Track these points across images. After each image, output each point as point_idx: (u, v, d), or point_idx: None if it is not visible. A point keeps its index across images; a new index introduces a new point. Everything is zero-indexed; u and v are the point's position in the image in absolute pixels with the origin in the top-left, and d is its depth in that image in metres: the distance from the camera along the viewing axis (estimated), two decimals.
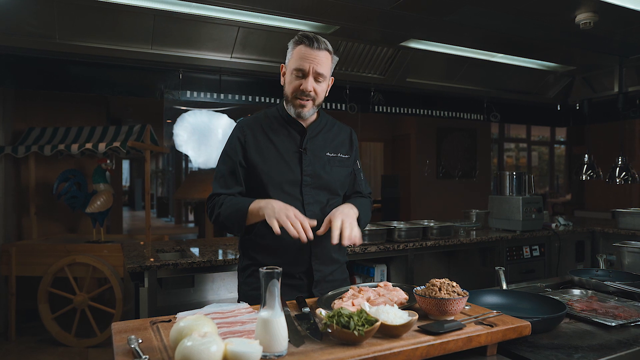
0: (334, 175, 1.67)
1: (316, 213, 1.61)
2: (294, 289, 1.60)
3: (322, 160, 1.66)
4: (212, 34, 3.30)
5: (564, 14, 3.03)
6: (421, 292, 1.30)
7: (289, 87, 1.60)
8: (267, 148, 1.62)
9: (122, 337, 1.13)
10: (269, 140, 1.63)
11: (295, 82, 1.58)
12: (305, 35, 1.57)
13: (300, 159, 1.62)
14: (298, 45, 1.57)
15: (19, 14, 2.87)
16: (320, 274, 1.64)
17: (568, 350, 1.23)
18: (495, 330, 1.18)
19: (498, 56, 4.06)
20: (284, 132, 1.64)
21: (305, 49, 1.56)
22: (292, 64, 1.58)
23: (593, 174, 4.23)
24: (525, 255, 3.58)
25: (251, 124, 1.66)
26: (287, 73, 1.62)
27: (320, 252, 1.63)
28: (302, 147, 1.63)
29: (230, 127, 4.26)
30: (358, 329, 1.04)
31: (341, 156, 1.70)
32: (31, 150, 4.07)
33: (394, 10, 2.93)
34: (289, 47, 1.61)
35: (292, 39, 1.61)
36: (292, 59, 1.58)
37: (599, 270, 2.05)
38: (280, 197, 1.57)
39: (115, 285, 3.67)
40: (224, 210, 1.57)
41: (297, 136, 1.65)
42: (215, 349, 0.92)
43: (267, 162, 1.60)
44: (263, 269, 1.04)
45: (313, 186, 1.63)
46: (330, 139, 1.70)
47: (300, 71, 1.56)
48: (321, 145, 1.67)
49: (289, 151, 1.62)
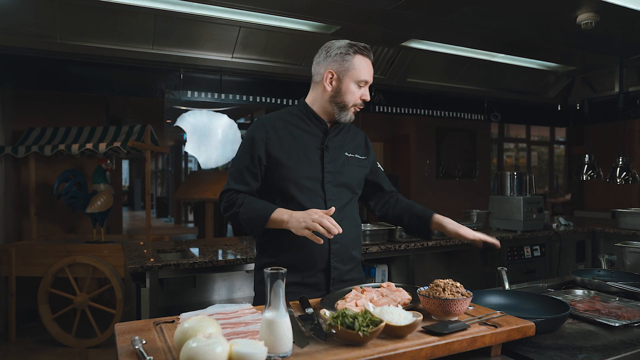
0: (352, 174, 1.71)
1: (336, 211, 1.61)
2: (313, 288, 1.63)
3: (341, 159, 1.69)
4: (213, 34, 3.30)
5: (565, 14, 3.03)
6: (425, 292, 1.30)
7: (351, 96, 1.63)
8: (290, 144, 1.64)
9: (125, 338, 1.12)
10: (292, 136, 1.65)
11: (358, 92, 1.64)
12: (363, 45, 1.63)
13: (322, 157, 1.65)
14: (358, 55, 1.62)
15: (19, 13, 2.86)
16: (337, 272, 1.66)
17: (572, 351, 1.22)
18: (500, 331, 1.17)
19: (499, 56, 4.06)
20: (307, 130, 1.67)
21: (365, 60, 1.63)
22: (355, 75, 1.61)
23: (594, 174, 4.23)
24: (526, 256, 3.57)
25: (273, 121, 1.67)
26: (345, 81, 1.62)
27: (339, 249, 1.65)
28: (324, 145, 1.66)
29: (231, 127, 4.25)
30: (363, 329, 1.04)
31: (358, 157, 1.75)
32: (31, 150, 4.07)
33: (395, 10, 2.93)
34: (340, 53, 1.61)
35: (342, 46, 1.62)
36: (355, 70, 1.61)
37: (600, 271, 2.05)
38: (301, 192, 1.61)
39: (116, 286, 3.66)
40: (243, 213, 1.58)
41: (319, 134, 1.68)
42: (221, 350, 0.92)
43: (291, 158, 1.62)
44: (268, 270, 1.04)
45: (334, 184, 1.66)
46: (348, 139, 1.75)
47: (365, 82, 1.64)
48: (341, 145, 1.71)
49: (311, 148, 1.65)
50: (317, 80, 1.68)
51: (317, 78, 1.67)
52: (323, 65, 1.64)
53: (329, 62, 1.63)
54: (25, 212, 4.47)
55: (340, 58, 1.61)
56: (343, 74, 1.62)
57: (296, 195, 1.61)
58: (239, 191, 1.63)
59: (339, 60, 1.61)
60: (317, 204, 1.61)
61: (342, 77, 1.62)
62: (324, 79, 1.64)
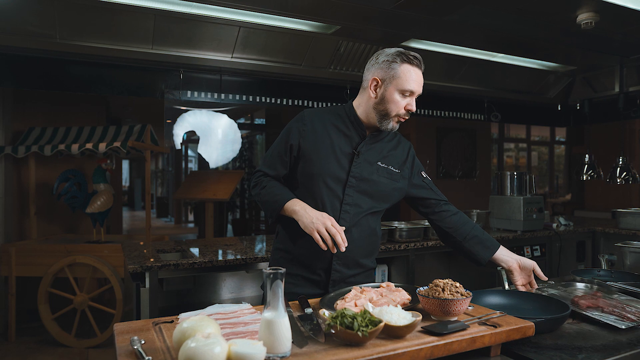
0: (379, 185, 1.68)
1: (351, 216, 1.64)
2: (313, 284, 1.67)
3: (372, 167, 1.67)
4: (212, 34, 3.30)
5: (565, 13, 3.03)
6: (424, 292, 1.30)
7: (394, 105, 1.60)
8: (324, 142, 1.65)
9: (124, 338, 1.12)
10: (327, 135, 1.65)
11: (402, 101, 1.60)
12: (412, 55, 1.60)
13: (352, 160, 1.65)
14: (405, 64, 1.58)
15: (20, 13, 2.86)
16: (339, 275, 1.67)
17: (572, 351, 1.22)
18: (499, 331, 1.17)
19: (499, 56, 4.06)
20: (345, 132, 1.67)
21: (413, 69, 1.59)
22: (401, 84, 1.58)
23: (594, 174, 4.23)
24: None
25: (316, 116, 1.69)
26: (389, 90, 1.59)
27: (343, 255, 1.65)
28: (356, 149, 1.66)
29: (231, 127, 4.26)
30: (362, 329, 1.04)
31: (391, 169, 1.71)
32: (31, 150, 4.06)
33: (395, 9, 2.93)
34: (387, 60, 1.59)
35: (391, 53, 1.59)
36: (401, 79, 1.58)
37: (600, 271, 2.05)
38: (323, 190, 1.63)
39: (116, 286, 3.66)
40: (263, 195, 1.68)
41: (356, 138, 1.67)
42: (219, 350, 0.91)
43: (320, 154, 1.63)
44: (266, 270, 1.04)
45: (357, 189, 1.65)
46: (386, 149, 1.73)
47: (410, 92, 1.60)
48: (376, 154, 1.69)
49: (343, 150, 1.65)
50: (364, 86, 1.66)
51: (364, 84, 1.66)
52: (371, 71, 1.63)
53: (375, 68, 1.61)
54: (25, 212, 4.47)
55: (387, 65, 1.59)
56: (388, 82, 1.59)
57: (315, 191, 1.63)
58: (267, 174, 1.70)
59: (385, 68, 1.59)
60: (333, 205, 1.62)
61: (387, 85, 1.60)
62: (369, 85, 1.63)
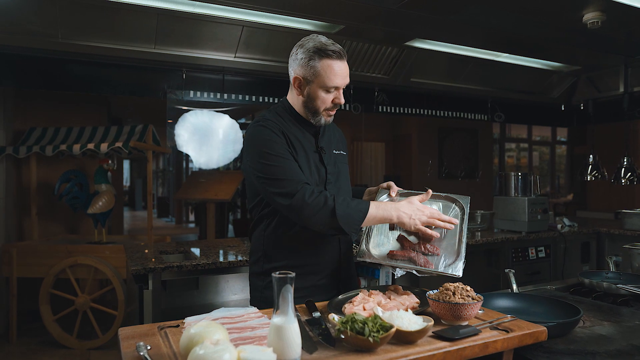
0: (344, 172, 1.71)
1: None
2: (323, 291, 1.61)
3: (333, 158, 1.67)
4: (215, 34, 3.27)
5: (571, 12, 3.00)
6: (435, 296, 1.27)
7: (320, 102, 1.54)
8: (298, 147, 1.57)
9: (130, 343, 1.10)
10: (296, 139, 1.58)
11: (326, 96, 1.53)
12: (330, 49, 1.49)
13: (321, 158, 1.62)
14: (324, 59, 1.49)
15: (21, 12, 2.84)
16: (345, 273, 1.67)
17: (585, 356, 1.20)
18: (512, 336, 1.15)
19: (502, 56, 4.03)
20: (301, 132, 1.61)
21: (334, 63, 1.50)
22: (323, 82, 1.50)
23: (598, 174, 4.20)
24: (531, 257, 3.55)
25: (276, 123, 1.55)
26: (313, 88, 1.52)
27: (348, 249, 1.67)
28: (319, 147, 1.63)
29: (232, 127, 4.23)
30: (373, 335, 1.01)
31: (342, 153, 1.74)
32: (32, 150, 4.04)
33: (399, 9, 2.91)
34: (305, 58, 1.50)
35: (308, 50, 1.50)
36: (323, 77, 1.49)
37: (609, 273, 2.03)
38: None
39: (117, 287, 3.64)
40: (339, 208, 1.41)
41: (311, 137, 1.64)
42: (229, 357, 0.89)
43: (301, 161, 1.55)
44: (275, 274, 1.01)
45: (334, 184, 1.64)
46: (332, 137, 1.73)
47: (335, 88, 1.53)
48: (328, 144, 1.68)
49: (310, 151, 1.60)
50: (291, 84, 1.59)
51: (291, 81, 1.59)
52: (292, 68, 1.56)
53: (296, 65, 1.53)
54: (26, 213, 4.45)
55: (306, 63, 1.50)
56: (310, 81, 1.52)
57: None
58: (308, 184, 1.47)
59: (305, 66, 1.51)
60: None
61: (310, 84, 1.52)
62: (294, 84, 1.56)
